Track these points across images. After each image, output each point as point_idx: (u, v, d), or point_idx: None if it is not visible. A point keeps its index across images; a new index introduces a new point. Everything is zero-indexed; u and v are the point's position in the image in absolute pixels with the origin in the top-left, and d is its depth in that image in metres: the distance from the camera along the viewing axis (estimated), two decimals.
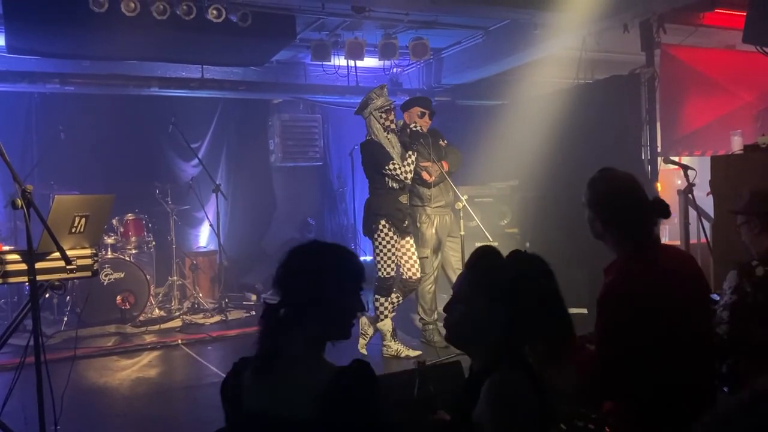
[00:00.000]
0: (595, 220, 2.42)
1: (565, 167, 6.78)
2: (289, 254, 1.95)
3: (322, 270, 1.91)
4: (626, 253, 2.36)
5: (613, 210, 2.38)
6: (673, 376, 2.20)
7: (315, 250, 1.98)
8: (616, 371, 2.23)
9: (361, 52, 7.52)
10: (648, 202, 2.38)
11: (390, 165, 5.15)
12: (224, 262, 7.60)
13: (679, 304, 2.26)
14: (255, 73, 8.29)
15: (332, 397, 1.76)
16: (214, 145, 8.60)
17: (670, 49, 6.65)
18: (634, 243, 2.35)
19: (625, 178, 2.45)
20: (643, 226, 2.36)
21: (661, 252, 2.42)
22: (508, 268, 1.90)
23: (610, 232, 2.39)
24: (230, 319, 6.92)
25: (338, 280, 1.90)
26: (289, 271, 1.92)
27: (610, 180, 2.44)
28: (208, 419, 3.89)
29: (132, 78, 7.53)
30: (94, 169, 7.38)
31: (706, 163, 4.27)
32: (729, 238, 3.66)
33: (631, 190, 2.40)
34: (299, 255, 1.95)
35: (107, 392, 4.83)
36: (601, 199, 2.41)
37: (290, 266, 1.93)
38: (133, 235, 6.99)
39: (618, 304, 2.24)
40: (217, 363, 5.51)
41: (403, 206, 5.31)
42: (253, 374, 1.88)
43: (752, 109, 6.87)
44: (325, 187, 9.49)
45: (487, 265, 1.93)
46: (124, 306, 6.53)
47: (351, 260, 1.97)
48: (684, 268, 2.40)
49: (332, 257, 1.96)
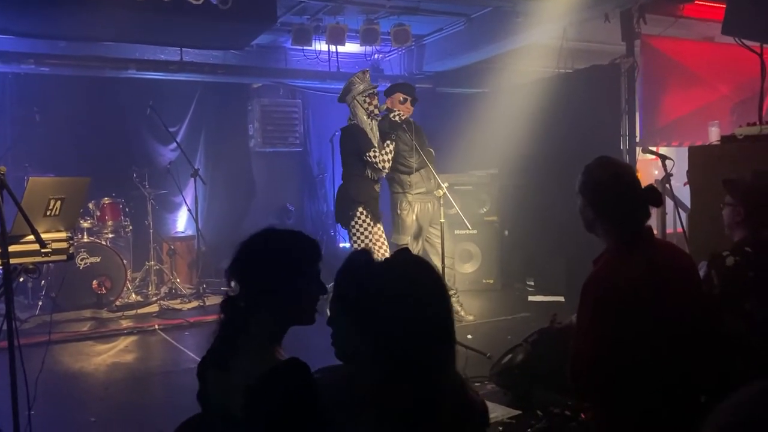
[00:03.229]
0: (586, 206, 2.41)
1: (545, 156, 6.82)
2: (241, 245, 1.92)
3: (272, 257, 1.88)
4: (617, 243, 2.35)
5: (606, 196, 2.37)
6: (654, 370, 2.19)
7: (264, 238, 1.94)
8: (595, 361, 2.23)
9: (343, 38, 7.47)
10: (641, 191, 2.38)
11: (371, 152, 5.15)
12: (202, 247, 7.54)
13: (669, 299, 2.24)
14: (235, 56, 8.20)
15: (258, 395, 1.72)
16: (192, 129, 8.51)
17: (651, 39, 6.69)
18: (625, 232, 2.35)
19: (621, 165, 2.46)
20: (636, 215, 2.36)
21: (653, 245, 2.42)
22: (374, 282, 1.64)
23: (602, 219, 2.37)
24: (208, 304, 6.87)
25: (289, 265, 1.87)
26: (241, 263, 1.90)
27: (606, 166, 2.43)
28: (185, 404, 3.85)
29: (109, 60, 7.42)
30: (70, 152, 7.26)
31: (684, 153, 4.31)
32: (705, 228, 3.70)
33: (625, 178, 2.40)
34: (250, 245, 1.92)
35: (83, 377, 4.79)
36: (595, 185, 2.40)
37: (242, 257, 1.90)
38: (109, 219, 6.91)
39: (604, 293, 2.23)
40: (194, 348, 5.48)
41: (377, 195, 5.32)
42: (211, 367, 1.88)
43: (729, 102, 6.95)
44: (305, 173, 9.45)
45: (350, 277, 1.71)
46: (100, 291, 6.47)
47: (302, 243, 1.93)
48: (676, 264, 2.39)
49: (281, 242, 1.92)
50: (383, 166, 5.19)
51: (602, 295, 2.23)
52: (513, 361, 3.86)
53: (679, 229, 4.78)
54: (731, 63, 6.46)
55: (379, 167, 5.18)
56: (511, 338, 4.78)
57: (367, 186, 5.26)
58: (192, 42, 7.43)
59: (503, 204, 7.45)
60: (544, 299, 6.69)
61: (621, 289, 2.20)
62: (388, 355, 1.56)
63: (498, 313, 6.31)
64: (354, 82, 5.24)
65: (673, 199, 4.87)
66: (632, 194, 2.37)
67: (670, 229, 5.53)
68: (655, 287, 2.23)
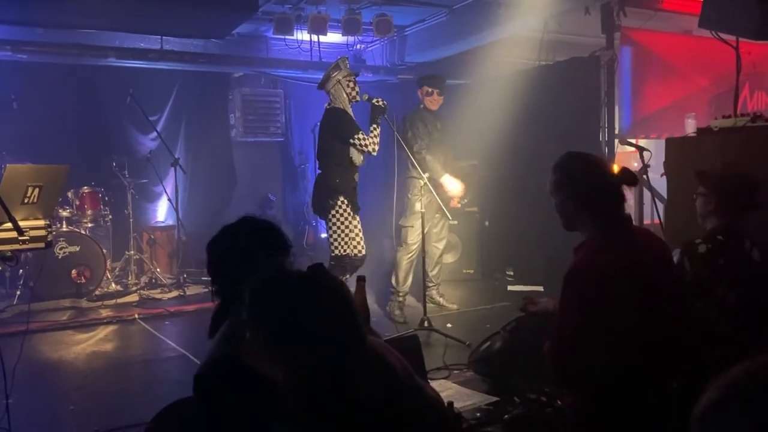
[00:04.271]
0: (566, 201, 2.42)
1: (525, 148, 6.87)
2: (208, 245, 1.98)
3: (226, 247, 1.94)
4: (599, 231, 2.38)
5: (584, 185, 2.40)
6: (634, 357, 2.22)
7: (227, 232, 2.00)
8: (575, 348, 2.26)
9: (325, 27, 7.45)
10: (615, 175, 2.42)
11: (359, 135, 5.07)
12: (183, 237, 7.52)
13: (649, 285, 2.27)
14: (216, 45, 8.15)
15: (194, 385, 1.77)
16: (173, 118, 8.45)
17: (630, 32, 6.75)
18: (606, 219, 2.38)
19: (589, 155, 2.50)
20: (614, 200, 2.40)
21: (633, 232, 2.46)
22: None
23: (583, 210, 2.40)
24: (188, 294, 6.87)
25: (242, 253, 1.91)
26: (208, 261, 1.96)
27: (576, 158, 2.47)
28: (166, 393, 3.88)
29: (88, 47, 7.33)
30: (49, 140, 7.18)
31: (662, 145, 4.36)
32: (681, 218, 3.75)
33: (597, 165, 2.45)
34: (211, 242, 1.99)
35: (62, 366, 4.77)
36: (571, 178, 2.43)
37: (208, 256, 1.97)
38: (89, 208, 6.86)
39: (587, 281, 2.25)
40: (174, 338, 5.48)
41: (356, 185, 5.27)
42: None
43: (707, 94, 7.03)
44: (287, 164, 9.43)
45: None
46: (80, 280, 6.43)
47: (250, 230, 1.98)
48: (655, 251, 2.43)
49: (233, 233, 1.98)
50: (372, 149, 5.13)
51: (586, 283, 2.25)
52: (491, 349, 3.90)
53: (656, 220, 4.84)
54: (710, 56, 6.53)
55: (368, 150, 5.12)
56: (490, 327, 4.82)
57: (348, 175, 5.18)
58: (173, 30, 7.38)
59: (484, 195, 7.50)
60: (524, 289, 6.76)
61: (604, 276, 2.23)
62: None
63: (478, 303, 6.37)
64: (336, 69, 5.22)
65: (650, 189, 4.93)
66: (608, 179, 2.41)
67: (648, 220, 5.60)
68: (636, 273, 2.26)
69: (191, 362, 4.72)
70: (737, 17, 4.01)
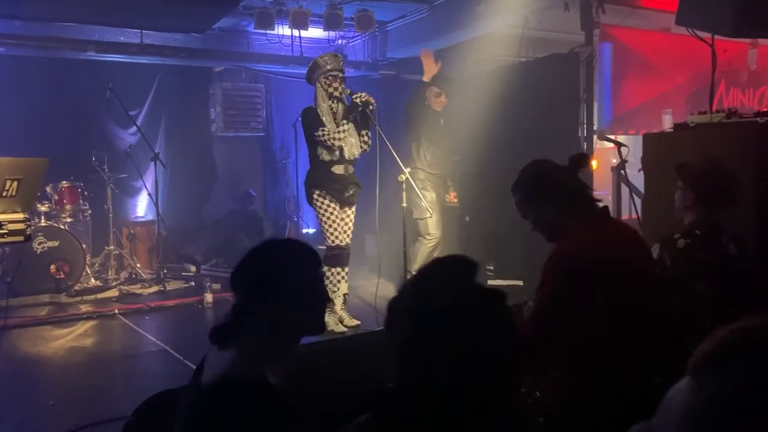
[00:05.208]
0: (545, 211, 2.46)
1: (505, 144, 6.89)
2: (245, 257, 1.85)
3: (274, 268, 1.80)
4: (578, 223, 2.40)
5: (543, 186, 2.45)
6: (612, 347, 2.23)
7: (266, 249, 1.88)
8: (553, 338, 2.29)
9: (306, 22, 7.45)
10: (569, 165, 2.47)
11: (319, 131, 5.16)
12: (163, 232, 7.49)
13: (629, 278, 2.29)
14: (196, 39, 8.10)
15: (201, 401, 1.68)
16: (153, 112, 8.40)
17: (609, 29, 6.81)
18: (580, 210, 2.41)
19: (537, 159, 2.55)
20: (576, 188, 2.43)
21: (610, 222, 2.50)
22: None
23: (565, 213, 2.42)
24: (169, 289, 6.85)
25: (291, 275, 1.80)
26: (243, 273, 1.82)
27: (526, 169, 2.52)
28: (146, 387, 3.87)
29: (67, 41, 7.27)
30: (28, 134, 7.11)
31: (640, 141, 4.41)
32: (658, 213, 3.81)
33: (552, 165, 2.49)
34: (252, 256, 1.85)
35: (41, 361, 4.74)
36: (529, 188, 2.48)
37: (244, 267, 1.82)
38: (68, 203, 6.81)
39: (565, 270, 2.26)
40: (155, 332, 5.47)
41: (338, 177, 5.30)
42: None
43: (684, 91, 7.11)
44: (268, 159, 9.40)
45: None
46: (59, 275, 6.38)
47: (301, 252, 1.87)
48: (631, 241, 2.47)
49: (282, 253, 1.87)
50: (332, 143, 5.16)
51: (564, 271, 2.26)
52: None
53: (634, 215, 4.91)
54: (687, 54, 6.62)
55: (328, 144, 5.17)
56: None
57: (321, 170, 5.28)
58: (153, 24, 7.33)
59: (464, 190, 7.53)
60: (504, 283, 6.80)
61: (585, 262, 2.24)
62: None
63: None
64: (318, 64, 5.24)
65: (628, 185, 4.99)
66: (561, 172, 2.46)
67: (626, 215, 5.66)
68: (616, 263, 2.28)
69: (172, 357, 4.71)
70: (713, 15, 4.07)
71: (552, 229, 2.46)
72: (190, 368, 4.29)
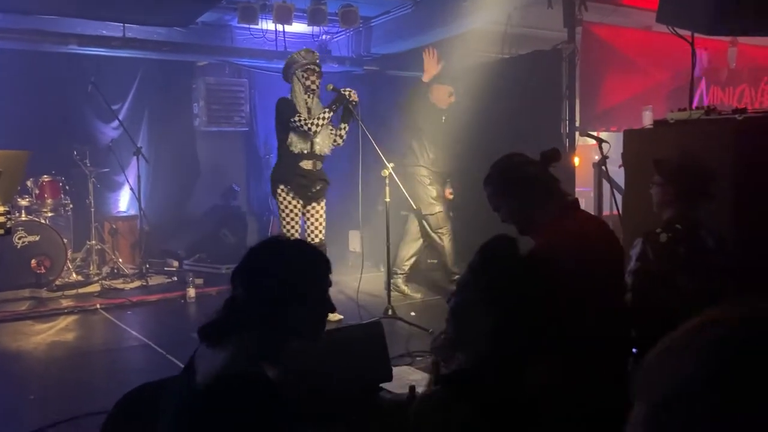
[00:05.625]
0: (509, 203, 2.49)
1: (488, 140, 6.93)
2: (249, 252, 1.84)
3: (282, 268, 1.78)
4: (551, 218, 2.43)
5: (516, 180, 2.48)
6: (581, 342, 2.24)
7: (275, 248, 1.87)
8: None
9: (290, 17, 7.43)
10: (540, 160, 2.50)
11: (295, 117, 5.16)
12: (145, 227, 7.45)
13: (599, 266, 2.32)
14: (180, 34, 8.05)
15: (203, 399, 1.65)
16: (135, 107, 8.34)
17: (592, 27, 6.86)
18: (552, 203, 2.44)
19: (510, 153, 2.57)
20: (548, 182, 2.47)
21: (581, 215, 2.53)
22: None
23: (539, 208, 2.45)
24: (151, 284, 6.82)
25: (300, 279, 1.78)
26: (247, 270, 1.80)
27: (498, 162, 2.55)
28: (128, 382, 3.85)
29: (49, 34, 7.19)
30: (8, 128, 7.03)
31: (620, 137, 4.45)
32: (639, 209, 3.85)
33: (523, 159, 2.52)
34: (259, 253, 1.84)
35: (21, 356, 4.71)
36: (501, 181, 2.50)
37: (249, 264, 1.81)
38: (49, 197, 6.76)
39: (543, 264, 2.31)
40: (137, 327, 5.45)
41: (306, 172, 5.30)
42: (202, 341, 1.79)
43: (665, 89, 7.17)
44: (251, 154, 9.37)
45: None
46: (40, 270, 6.33)
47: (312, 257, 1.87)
48: (601, 232, 2.50)
49: (293, 255, 1.85)
50: (308, 128, 5.16)
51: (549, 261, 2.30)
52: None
53: (615, 211, 4.95)
54: (668, 52, 6.67)
55: (305, 129, 5.16)
56: None
57: (289, 163, 5.29)
58: (136, 18, 7.27)
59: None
60: None
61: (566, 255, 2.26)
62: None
63: (441, 292, 6.44)
64: (295, 59, 5.25)
65: (609, 180, 5.03)
66: (534, 166, 2.49)
67: (607, 212, 5.71)
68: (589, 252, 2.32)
69: (154, 351, 4.70)
70: (691, 13, 4.12)
71: (524, 222, 2.49)
72: (173, 363, 4.30)
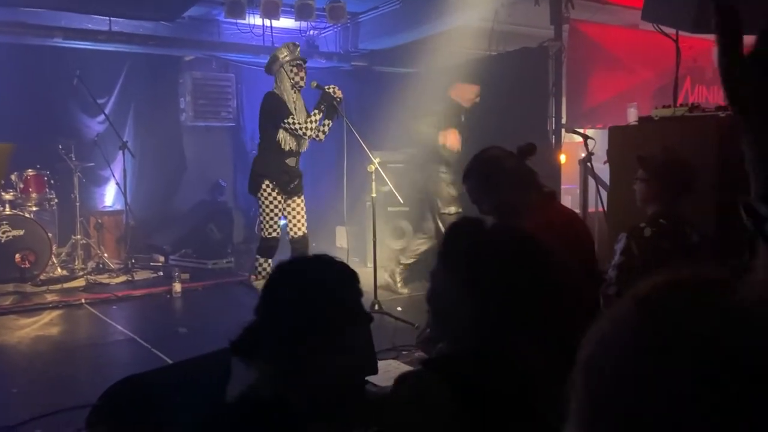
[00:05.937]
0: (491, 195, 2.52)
1: (475, 137, 6.95)
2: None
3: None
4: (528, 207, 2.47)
5: (496, 174, 2.51)
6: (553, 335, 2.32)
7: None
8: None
9: (277, 12, 7.42)
10: (518, 153, 2.53)
11: (289, 119, 5.16)
12: (131, 222, 7.42)
13: (572, 258, 2.34)
14: (166, 28, 8.01)
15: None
16: (121, 101, 8.29)
17: (578, 24, 6.90)
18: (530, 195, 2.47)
19: (488, 147, 2.60)
20: (525, 175, 2.50)
21: (555, 205, 2.57)
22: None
23: (507, 194, 2.48)
24: (137, 279, 6.80)
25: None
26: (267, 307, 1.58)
27: (477, 157, 2.59)
28: (113, 376, 3.81)
29: (33, 27, 7.13)
30: None
31: (605, 134, 4.50)
32: (624, 205, 3.89)
33: (501, 152, 2.56)
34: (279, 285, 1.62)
35: (5, 350, 4.68)
36: (481, 175, 2.53)
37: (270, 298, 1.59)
38: (33, 191, 6.71)
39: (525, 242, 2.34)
40: (123, 322, 5.42)
41: (290, 169, 5.33)
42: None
43: (651, 86, 7.23)
44: (238, 149, 9.35)
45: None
46: (24, 264, 6.29)
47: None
48: (574, 224, 2.54)
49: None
50: (303, 132, 5.19)
51: None
52: None
53: (600, 208, 4.99)
54: (654, 50, 6.72)
55: (300, 133, 5.18)
56: None
57: (275, 159, 5.30)
58: (122, 11, 7.24)
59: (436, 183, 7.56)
60: None
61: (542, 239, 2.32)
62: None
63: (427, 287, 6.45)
64: (281, 52, 5.25)
65: (594, 177, 5.07)
66: (512, 159, 2.53)
67: (592, 208, 5.75)
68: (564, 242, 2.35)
69: (140, 345, 4.69)
70: (676, 11, 4.16)
71: (504, 213, 2.52)
72: (159, 357, 4.30)
